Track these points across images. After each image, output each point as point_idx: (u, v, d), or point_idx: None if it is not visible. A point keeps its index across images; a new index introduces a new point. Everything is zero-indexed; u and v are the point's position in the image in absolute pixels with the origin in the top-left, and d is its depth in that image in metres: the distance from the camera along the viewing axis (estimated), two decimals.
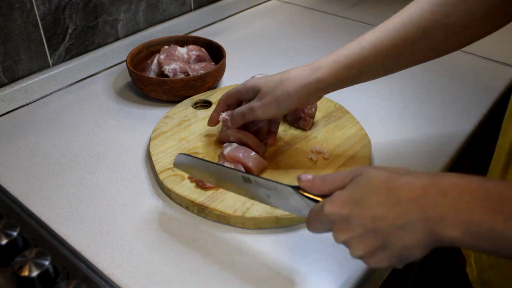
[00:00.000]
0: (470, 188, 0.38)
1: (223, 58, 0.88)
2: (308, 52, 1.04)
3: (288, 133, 0.75)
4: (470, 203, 0.37)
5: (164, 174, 0.66)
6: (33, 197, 0.65)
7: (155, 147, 0.71)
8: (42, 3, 0.83)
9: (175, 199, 0.64)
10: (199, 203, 0.61)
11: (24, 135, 0.78)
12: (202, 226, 0.61)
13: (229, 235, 0.60)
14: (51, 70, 0.89)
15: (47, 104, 0.86)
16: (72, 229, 0.60)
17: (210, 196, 0.62)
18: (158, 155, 0.69)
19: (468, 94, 0.89)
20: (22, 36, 0.83)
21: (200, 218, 0.62)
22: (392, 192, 0.41)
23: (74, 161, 0.72)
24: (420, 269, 0.97)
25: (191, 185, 0.64)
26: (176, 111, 0.80)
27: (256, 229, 0.60)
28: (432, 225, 0.38)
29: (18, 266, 0.51)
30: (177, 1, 1.09)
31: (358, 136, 0.74)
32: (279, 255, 0.57)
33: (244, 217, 0.60)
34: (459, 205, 0.37)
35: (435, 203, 0.38)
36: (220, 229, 0.61)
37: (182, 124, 0.76)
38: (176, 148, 0.71)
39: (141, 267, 0.56)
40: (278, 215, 0.60)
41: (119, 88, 0.91)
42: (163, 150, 0.70)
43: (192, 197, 0.62)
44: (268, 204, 0.54)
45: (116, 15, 0.96)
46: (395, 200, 0.40)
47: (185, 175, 0.65)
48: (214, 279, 0.54)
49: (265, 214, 0.60)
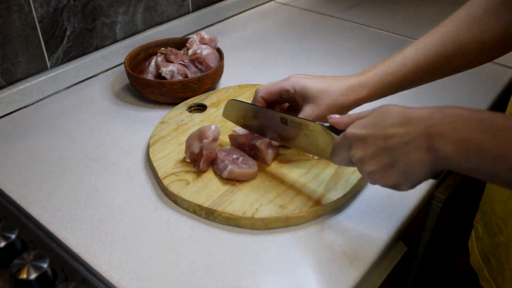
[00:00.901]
0: (468, 114, 0.44)
1: (221, 60, 0.88)
2: (307, 53, 1.04)
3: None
4: (465, 124, 0.43)
5: (168, 180, 0.65)
6: (31, 200, 0.65)
7: (154, 153, 0.71)
8: (40, 6, 0.83)
9: (181, 204, 0.64)
10: (207, 207, 0.61)
11: (22, 138, 0.78)
12: (201, 228, 0.61)
13: (229, 236, 0.60)
14: (49, 72, 0.89)
15: (45, 107, 0.86)
16: (70, 232, 0.60)
17: (216, 199, 0.62)
18: (159, 161, 0.69)
19: (467, 96, 0.89)
20: (20, 38, 0.83)
21: (201, 219, 0.62)
22: (405, 116, 0.47)
23: (73, 163, 0.72)
24: (420, 269, 0.96)
25: (197, 190, 0.64)
26: (172, 116, 0.79)
27: (266, 230, 0.61)
28: (432, 141, 0.45)
29: (16, 268, 0.50)
30: (175, 3, 1.09)
31: None
32: (288, 254, 0.57)
33: (254, 218, 0.60)
34: (456, 124, 0.43)
35: (437, 123, 0.44)
36: (223, 230, 0.61)
37: (179, 129, 0.76)
38: (176, 153, 0.70)
39: (139, 270, 0.55)
40: (287, 215, 0.60)
41: (117, 90, 0.91)
42: (163, 155, 0.70)
43: (200, 201, 0.62)
44: (298, 147, 0.63)
45: (114, 17, 0.96)
46: (406, 121, 0.47)
47: (189, 179, 0.65)
48: (213, 281, 0.54)
49: (274, 214, 0.60)
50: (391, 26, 1.15)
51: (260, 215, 0.60)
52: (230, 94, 0.85)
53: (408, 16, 1.23)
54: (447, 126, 0.44)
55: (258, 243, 0.59)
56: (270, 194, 0.63)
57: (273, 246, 0.58)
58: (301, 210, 0.61)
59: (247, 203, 0.61)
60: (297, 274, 0.55)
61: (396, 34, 1.13)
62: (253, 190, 0.64)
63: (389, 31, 1.14)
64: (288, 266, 0.56)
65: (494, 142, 0.41)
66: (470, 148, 0.43)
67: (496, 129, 0.42)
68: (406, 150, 0.46)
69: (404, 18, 1.22)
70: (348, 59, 1.02)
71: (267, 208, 0.61)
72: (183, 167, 0.68)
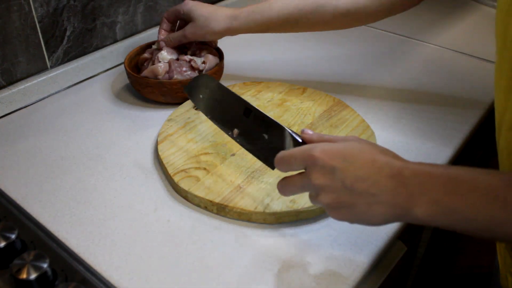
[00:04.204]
0: (436, 173, 0.44)
1: (222, 59, 0.88)
2: (306, 53, 1.04)
3: (293, 129, 0.75)
4: (435, 185, 0.43)
5: (178, 176, 0.66)
6: (31, 200, 0.65)
7: (163, 150, 0.71)
8: (40, 6, 0.83)
9: (192, 200, 0.64)
10: (218, 203, 0.62)
11: (23, 138, 0.78)
12: (202, 228, 0.61)
13: (230, 236, 0.60)
14: (49, 72, 0.89)
15: (45, 107, 0.86)
16: (70, 232, 0.60)
17: (227, 195, 0.63)
18: (168, 158, 0.69)
19: (466, 95, 0.89)
20: (20, 38, 0.83)
21: (201, 219, 0.62)
22: (376, 164, 0.46)
23: (73, 164, 0.72)
24: (420, 269, 0.96)
25: (207, 186, 0.64)
26: (179, 114, 0.80)
27: (277, 224, 0.61)
28: (401, 201, 0.44)
29: (16, 268, 0.50)
30: (175, 3, 1.09)
31: (361, 128, 0.76)
32: (293, 249, 0.57)
33: (265, 213, 0.61)
34: (426, 186, 0.43)
35: (407, 183, 0.44)
36: (224, 230, 0.60)
37: (186, 126, 0.77)
38: (184, 150, 0.71)
39: (139, 270, 0.55)
40: (298, 209, 0.61)
41: (117, 90, 0.91)
42: (172, 152, 0.71)
43: (211, 197, 0.63)
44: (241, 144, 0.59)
45: (114, 17, 0.96)
46: (377, 171, 0.45)
47: (200, 176, 0.66)
48: (214, 281, 0.54)
49: (286, 209, 0.61)
50: (391, 26, 1.15)
51: (272, 209, 0.61)
52: (235, 91, 0.85)
53: (408, 16, 1.23)
54: (417, 188, 0.43)
55: (264, 239, 0.59)
56: None
57: (281, 241, 0.59)
58: (311, 204, 0.61)
59: (258, 198, 0.62)
60: (294, 270, 0.55)
61: (396, 34, 1.13)
62: (264, 185, 0.65)
63: (389, 31, 1.14)
64: (293, 261, 0.56)
65: (464, 203, 0.41)
66: (441, 210, 0.42)
67: (465, 189, 0.42)
68: (371, 201, 0.45)
69: (404, 18, 1.22)
70: (348, 59, 1.02)
71: (278, 202, 0.62)
72: (192, 164, 0.68)
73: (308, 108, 0.81)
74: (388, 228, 0.61)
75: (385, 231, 0.60)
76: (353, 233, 0.60)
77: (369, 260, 0.57)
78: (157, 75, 0.82)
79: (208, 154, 0.71)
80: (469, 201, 0.41)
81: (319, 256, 0.57)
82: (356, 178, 0.46)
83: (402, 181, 0.44)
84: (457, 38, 1.11)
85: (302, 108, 0.81)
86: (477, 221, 0.41)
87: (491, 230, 0.42)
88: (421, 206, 0.43)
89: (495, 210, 0.41)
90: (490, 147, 0.66)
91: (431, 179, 0.43)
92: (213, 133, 0.75)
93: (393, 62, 1.01)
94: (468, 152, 0.83)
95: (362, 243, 0.59)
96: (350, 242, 0.59)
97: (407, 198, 0.44)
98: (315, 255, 0.57)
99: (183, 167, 0.68)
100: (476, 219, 0.41)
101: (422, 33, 1.12)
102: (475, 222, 0.42)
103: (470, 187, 0.42)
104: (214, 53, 0.88)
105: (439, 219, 0.43)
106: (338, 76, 0.95)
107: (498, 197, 0.41)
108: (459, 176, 0.43)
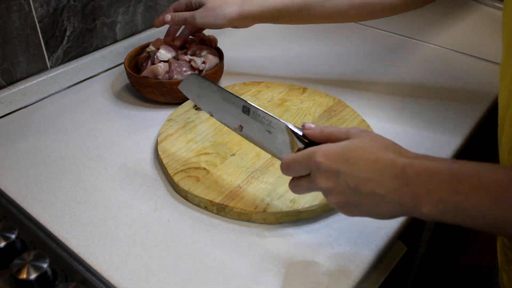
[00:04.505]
0: (440, 171, 0.43)
1: (222, 59, 0.88)
2: (306, 53, 1.04)
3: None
4: (439, 183, 0.43)
5: (178, 176, 0.66)
6: (31, 200, 0.65)
7: (163, 150, 0.71)
8: (40, 6, 0.83)
9: (192, 200, 0.64)
10: (218, 203, 0.62)
11: (22, 138, 0.78)
12: (202, 228, 0.61)
13: (231, 235, 0.60)
14: (49, 72, 0.89)
15: (45, 107, 0.86)
16: (70, 232, 0.60)
17: (227, 195, 0.63)
18: (168, 158, 0.69)
19: (466, 95, 0.89)
20: (20, 38, 0.83)
21: (200, 219, 0.62)
22: (379, 164, 0.46)
23: (73, 164, 0.72)
24: (420, 269, 0.96)
25: (207, 186, 0.64)
26: (179, 114, 0.80)
27: (277, 224, 0.61)
28: (406, 200, 0.44)
29: (16, 268, 0.50)
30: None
31: (362, 127, 0.76)
32: (296, 249, 0.57)
33: (266, 213, 0.61)
34: (431, 186, 0.43)
35: (411, 183, 0.44)
36: (224, 229, 0.61)
37: (186, 126, 0.77)
38: (185, 150, 0.71)
39: (139, 270, 0.55)
40: (298, 209, 0.61)
41: (117, 90, 0.91)
42: (172, 152, 0.71)
43: (211, 197, 0.63)
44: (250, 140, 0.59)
45: (114, 17, 0.96)
46: (380, 172, 0.46)
47: (199, 176, 0.66)
48: (214, 281, 0.54)
49: (286, 209, 0.61)
50: (391, 26, 1.15)
51: (272, 209, 0.61)
52: (235, 91, 0.85)
53: (408, 16, 1.23)
54: (422, 188, 0.43)
55: (264, 239, 0.59)
56: (280, 189, 0.64)
57: (281, 241, 0.59)
58: (311, 204, 0.61)
59: (258, 198, 0.62)
60: (294, 271, 0.55)
61: (396, 34, 1.13)
62: (264, 185, 0.65)
63: (389, 31, 1.14)
64: (293, 261, 0.56)
65: (469, 203, 0.42)
66: (446, 208, 0.43)
67: (469, 187, 0.42)
68: (377, 201, 0.46)
69: (404, 18, 1.22)
70: (348, 59, 1.02)
71: (278, 202, 0.62)
72: (192, 163, 0.68)
73: (308, 108, 0.81)
74: (388, 228, 0.61)
75: (385, 231, 0.60)
76: (353, 233, 0.60)
77: (369, 260, 0.57)
78: (157, 75, 0.82)
79: (208, 154, 0.71)
80: (474, 200, 0.41)
81: (319, 256, 0.57)
82: (359, 179, 0.46)
83: (406, 181, 0.44)
84: (457, 38, 1.11)
85: (302, 108, 0.81)
86: (484, 219, 0.42)
87: (500, 227, 0.42)
88: (426, 205, 0.43)
89: (500, 210, 0.41)
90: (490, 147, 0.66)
91: (434, 178, 0.43)
92: (213, 133, 0.75)
93: (393, 62, 1.01)
94: (468, 152, 0.83)
95: (362, 243, 0.59)
96: (350, 242, 0.59)
97: (412, 197, 0.44)
98: (315, 255, 0.57)
99: (183, 167, 0.68)
100: (483, 217, 0.41)
101: (422, 33, 1.12)
102: (482, 220, 0.42)
103: (474, 185, 0.42)
104: (214, 53, 0.88)
105: (447, 217, 0.43)
106: (338, 76, 0.95)
107: (502, 195, 0.41)
108: (463, 173, 0.43)
